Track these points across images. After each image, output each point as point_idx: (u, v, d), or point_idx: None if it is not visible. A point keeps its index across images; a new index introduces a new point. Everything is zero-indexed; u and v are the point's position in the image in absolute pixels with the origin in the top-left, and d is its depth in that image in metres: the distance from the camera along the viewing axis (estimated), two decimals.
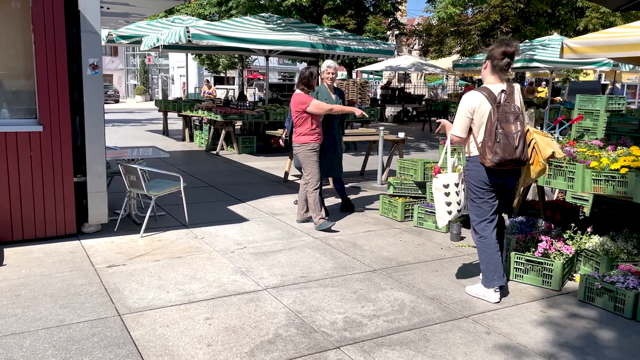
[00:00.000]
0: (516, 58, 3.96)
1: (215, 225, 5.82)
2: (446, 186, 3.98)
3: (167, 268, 4.49)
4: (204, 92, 20.30)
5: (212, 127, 11.90)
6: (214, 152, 11.59)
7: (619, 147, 4.68)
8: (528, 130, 3.88)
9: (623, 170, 4.10)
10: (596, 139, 5.29)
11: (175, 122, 17.14)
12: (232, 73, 39.81)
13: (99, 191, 5.28)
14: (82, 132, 5.20)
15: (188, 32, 9.27)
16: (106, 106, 30.59)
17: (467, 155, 3.98)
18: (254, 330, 3.43)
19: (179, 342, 3.24)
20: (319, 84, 6.35)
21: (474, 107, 3.80)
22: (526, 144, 3.78)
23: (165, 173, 5.77)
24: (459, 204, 4.01)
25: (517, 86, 3.91)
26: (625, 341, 3.42)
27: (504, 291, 4.15)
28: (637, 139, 5.09)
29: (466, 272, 4.59)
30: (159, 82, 47.17)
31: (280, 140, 6.91)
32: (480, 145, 3.80)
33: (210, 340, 3.28)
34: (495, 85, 3.83)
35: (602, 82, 26.32)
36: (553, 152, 3.82)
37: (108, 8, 7.27)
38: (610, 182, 4.18)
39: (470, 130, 3.89)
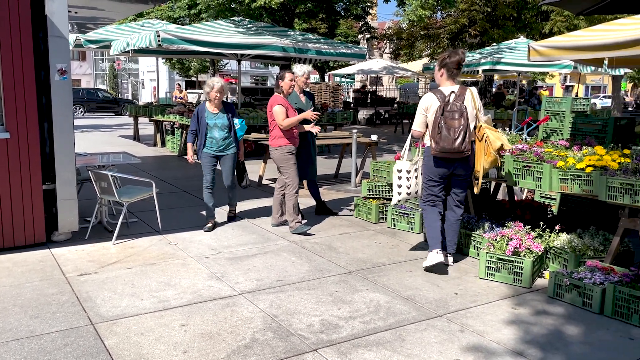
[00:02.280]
0: (484, 61, 4.40)
1: (189, 230, 5.77)
2: (399, 171, 4.73)
3: (140, 275, 4.44)
4: (175, 97, 20.08)
5: (184, 131, 11.78)
6: (186, 157, 11.46)
7: (584, 147, 4.82)
8: (481, 126, 4.47)
9: (588, 170, 4.23)
10: (562, 139, 5.43)
11: (147, 127, 16.91)
12: (203, 77, 39.45)
13: (69, 198, 5.18)
14: (50, 139, 5.10)
15: (158, 36, 9.18)
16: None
17: (423, 146, 4.68)
18: (230, 335, 3.41)
19: (154, 349, 3.21)
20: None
21: (427, 106, 4.52)
22: (469, 138, 4.37)
23: (137, 179, 5.70)
24: (408, 188, 4.72)
25: (472, 89, 4.49)
26: (592, 335, 3.53)
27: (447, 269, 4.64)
28: (601, 138, 5.25)
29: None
30: (129, 87, 46.47)
31: (189, 159, 5.93)
32: (430, 137, 4.47)
33: (186, 346, 3.25)
34: (448, 88, 4.51)
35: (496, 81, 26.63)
36: (502, 145, 4.40)
37: (76, 12, 7.15)
38: (576, 181, 4.31)
39: (426, 125, 4.58)
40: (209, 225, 5.82)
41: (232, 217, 6.28)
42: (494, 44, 16.72)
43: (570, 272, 4.14)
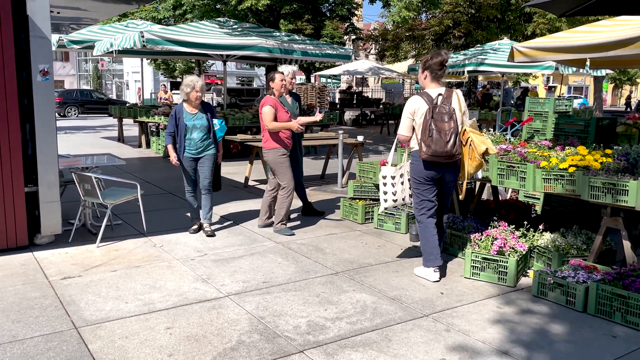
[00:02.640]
0: (468, 62, 4.34)
1: (175, 232, 5.73)
2: (384, 177, 4.64)
3: (125, 278, 4.40)
4: (160, 98, 19.94)
5: None
6: None
7: (566, 147, 4.88)
8: (465, 130, 4.38)
9: (571, 169, 4.28)
10: (545, 139, 5.49)
11: (131, 129, 16.77)
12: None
13: (52, 201, 5.11)
14: (32, 141, 5.03)
15: (143, 37, 9.11)
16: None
17: (411, 150, 4.52)
18: (216, 338, 3.39)
19: (139, 353, 3.18)
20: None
21: (414, 109, 4.37)
22: (459, 140, 4.29)
23: (121, 181, 5.64)
24: (394, 194, 4.63)
25: (457, 91, 4.41)
26: (576, 334, 3.57)
27: (443, 272, 4.60)
28: (583, 138, 5.32)
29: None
30: (113, 88, 46.04)
31: (173, 161, 5.57)
32: (419, 141, 4.32)
33: (171, 350, 3.23)
34: (434, 90, 4.38)
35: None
36: (487, 149, 4.33)
37: (58, 12, 7.06)
38: (559, 180, 4.36)
39: (413, 129, 4.42)
40: (194, 227, 5.74)
41: (211, 234, 5.64)
42: (478, 45, 16.86)
43: (554, 271, 4.19)
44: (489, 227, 4.97)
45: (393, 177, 4.62)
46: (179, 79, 37.53)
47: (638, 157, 4.25)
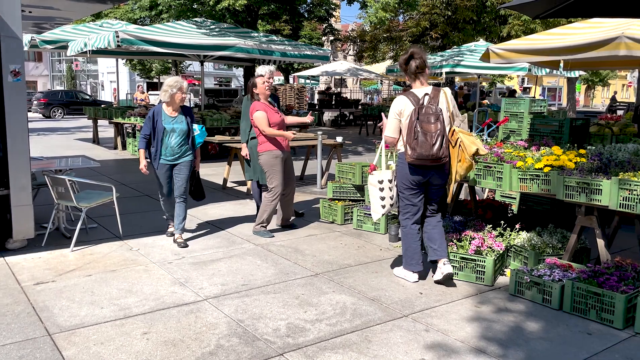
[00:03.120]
0: (445, 63, 4.29)
1: (152, 235, 5.65)
2: (380, 182, 4.36)
3: (100, 283, 4.31)
4: (136, 99, 19.68)
5: None
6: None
7: (542, 147, 4.95)
8: (454, 130, 4.21)
9: (546, 169, 4.34)
10: (521, 139, 5.57)
11: (106, 130, 16.50)
12: (166, 78, 38.76)
13: (24, 204, 4.99)
14: (3, 143, 4.90)
15: (117, 36, 8.97)
16: (30, 114, 29.07)
17: (397, 152, 4.41)
18: (194, 342, 3.35)
19: (114, 359, 3.12)
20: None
21: (400, 110, 4.23)
22: (446, 143, 4.15)
23: (96, 183, 5.54)
24: (391, 198, 4.39)
25: (446, 90, 4.25)
26: (552, 331, 3.62)
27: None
28: (557, 139, 5.41)
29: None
30: (88, 89, 45.29)
31: (142, 169, 5.29)
32: (405, 143, 4.19)
33: (148, 355, 3.17)
34: (420, 89, 4.25)
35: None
36: (477, 149, 4.16)
37: (30, 12, 6.90)
38: (535, 180, 4.42)
39: (400, 131, 4.29)
40: (171, 229, 5.62)
41: (183, 245, 5.30)
42: (455, 46, 17.06)
43: (530, 269, 4.24)
44: (467, 227, 5.01)
45: (390, 181, 4.37)
46: (155, 80, 37.12)
47: (611, 157, 4.33)
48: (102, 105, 18.26)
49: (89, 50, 10.21)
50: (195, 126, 5.41)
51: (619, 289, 3.72)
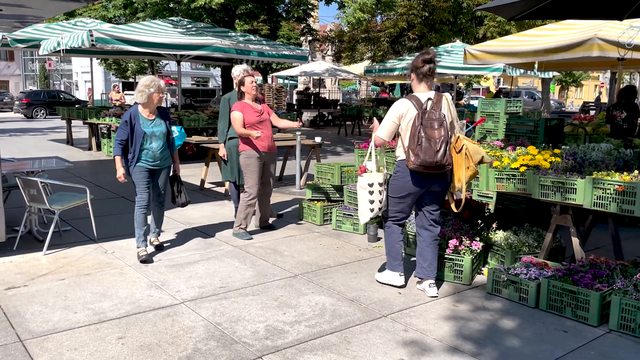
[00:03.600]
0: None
1: (127, 238, 5.54)
2: (371, 185, 4.13)
3: (74, 287, 4.21)
4: (111, 99, 19.37)
5: None
6: None
7: (517, 147, 5.01)
8: (459, 137, 4.07)
9: (522, 169, 4.39)
10: (497, 139, 5.62)
11: (81, 131, 16.20)
12: (142, 78, 38.22)
13: None
14: None
15: (91, 35, 8.80)
16: (12, 115, 28.42)
17: (396, 158, 4.20)
18: (171, 346, 3.29)
19: None
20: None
21: (401, 114, 4.02)
22: (449, 149, 3.98)
23: (69, 185, 5.42)
24: (380, 202, 4.17)
25: (447, 96, 4.09)
26: (529, 329, 3.66)
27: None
28: (533, 139, 5.47)
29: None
30: (62, 89, 44.45)
31: (120, 177, 4.83)
32: (406, 149, 3.99)
33: None
34: (424, 94, 4.06)
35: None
36: (482, 157, 4.09)
37: (0, 10, 6.73)
38: (511, 180, 4.47)
39: (398, 135, 4.11)
40: (144, 252, 4.87)
41: (160, 247, 5.21)
42: (432, 47, 17.18)
43: (507, 268, 4.29)
44: (445, 226, 5.04)
45: (380, 184, 4.14)
46: (131, 80, 36.61)
47: (585, 157, 4.40)
48: (77, 106, 17.94)
49: (63, 50, 10.01)
50: (174, 128, 5.17)
51: (593, 287, 3.78)
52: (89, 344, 3.30)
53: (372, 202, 4.15)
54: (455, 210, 4.30)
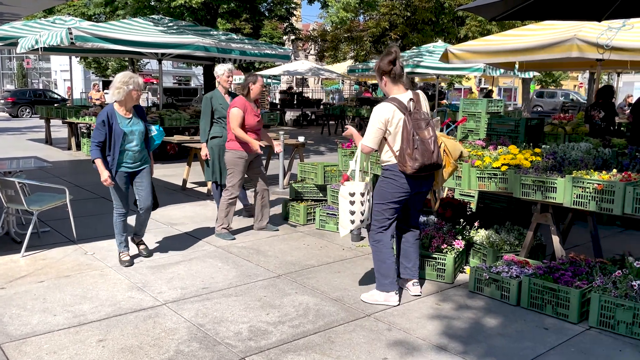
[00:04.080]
0: (405, 64, 4.14)
1: (108, 239, 5.46)
2: (352, 194, 3.87)
3: (53, 289, 4.14)
4: (90, 98, 19.10)
5: None
6: None
7: (499, 146, 5.05)
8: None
9: (503, 168, 4.44)
10: (479, 139, 5.67)
11: (60, 130, 15.95)
12: None
13: None
14: None
15: (71, 33, 8.67)
16: None
17: (383, 164, 3.96)
18: (152, 348, 3.25)
19: None
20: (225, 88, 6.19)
21: (387, 118, 3.79)
22: (439, 147, 3.90)
23: (48, 185, 5.33)
24: (362, 214, 3.91)
25: (421, 93, 3.99)
26: (511, 327, 3.70)
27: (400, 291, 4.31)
28: (514, 138, 5.54)
29: (367, 270, 4.71)
30: (40, 87, 43.71)
31: (107, 182, 4.48)
32: (398, 154, 3.82)
33: None
34: (403, 95, 3.88)
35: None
36: (461, 152, 4.07)
37: None
38: (492, 179, 4.51)
39: (384, 140, 3.88)
40: (127, 257, 4.76)
41: (149, 254, 4.99)
42: (414, 47, 17.31)
43: (489, 266, 4.32)
44: (427, 226, 5.06)
45: (363, 195, 3.89)
46: (111, 78, 36.12)
47: (564, 156, 4.46)
48: (55, 105, 17.66)
49: (41, 48, 9.84)
50: (152, 127, 4.89)
51: (573, 284, 3.83)
52: (69, 347, 3.24)
53: (352, 212, 3.88)
54: (435, 209, 4.26)
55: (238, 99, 5.53)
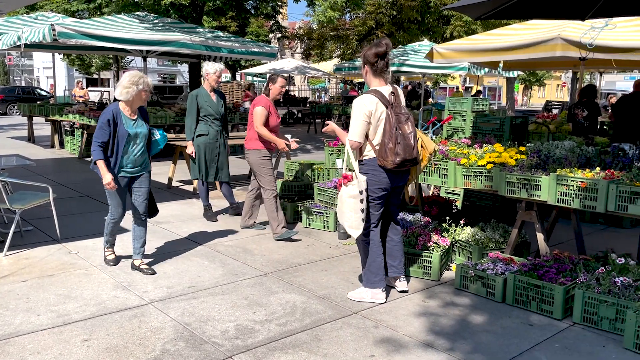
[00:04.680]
0: (390, 62, 4.13)
1: (92, 238, 5.41)
2: (361, 192, 3.76)
3: (36, 288, 4.08)
4: (74, 95, 18.86)
5: (86, 132, 11.08)
6: (89, 159, 10.80)
7: (484, 145, 5.09)
8: None
9: (489, 166, 4.47)
10: (465, 137, 5.71)
11: (43, 128, 15.73)
12: (106, 74, 37.47)
13: None
14: None
15: (54, 30, 8.54)
16: None
17: (361, 158, 3.89)
18: (138, 348, 3.22)
19: None
20: (217, 86, 6.16)
21: (371, 111, 3.74)
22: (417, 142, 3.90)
23: (31, 184, 5.25)
24: (362, 212, 3.83)
25: (397, 88, 3.99)
26: (496, 324, 3.73)
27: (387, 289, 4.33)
28: (499, 136, 5.58)
29: (354, 268, 4.72)
30: (23, 84, 43.09)
31: (110, 185, 4.21)
32: (378, 148, 3.78)
33: None
34: (384, 88, 3.84)
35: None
36: (434, 147, 4.14)
37: None
38: (478, 177, 4.54)
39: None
40: (112, 256, 4.69)
41: (152, 273, 4.49)
42: (400, 46, 17.36)
43: (474, 264, 4.36)
44: (414, 224, 5.09)
45: (366, 190, 3.84)
46: (95, 76, 35.75)
47: (549, 154, 4.51)
48: (38, 102, 17.43)
49: (23, 44, 9.68)
50: (155, 131, 4.64)
51: (557, 281, 3.88)
52: (53, 347, 3.20)
53: (363, 210, 3.78)
54: (413, 203, 4.28)
55: (261, 98, 5.48)
